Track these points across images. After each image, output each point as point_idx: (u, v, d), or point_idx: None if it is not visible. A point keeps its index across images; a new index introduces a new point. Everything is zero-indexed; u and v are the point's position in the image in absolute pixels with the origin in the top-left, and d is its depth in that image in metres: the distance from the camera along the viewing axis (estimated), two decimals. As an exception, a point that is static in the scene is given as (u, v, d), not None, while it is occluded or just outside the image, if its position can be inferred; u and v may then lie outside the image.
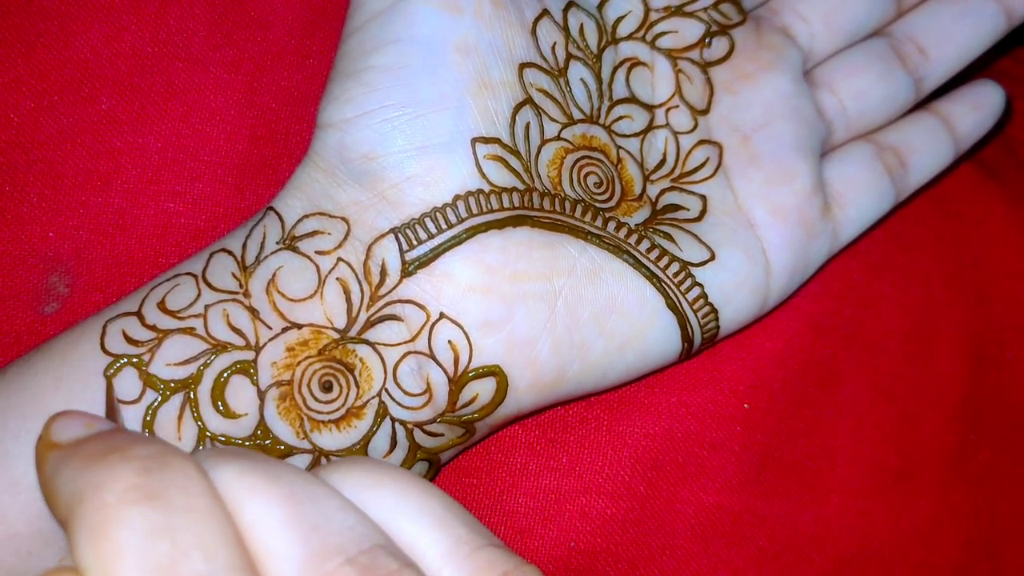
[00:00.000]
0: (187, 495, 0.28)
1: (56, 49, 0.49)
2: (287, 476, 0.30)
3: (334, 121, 0.44)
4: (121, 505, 0.27)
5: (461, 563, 0.31)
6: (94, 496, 0.27)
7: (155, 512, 0.27)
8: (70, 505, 0.27)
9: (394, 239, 0.43)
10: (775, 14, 0.54)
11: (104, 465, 0.28)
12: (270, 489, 0.29)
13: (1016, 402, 0.58)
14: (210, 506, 0.28)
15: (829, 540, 0.54)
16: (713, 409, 0.53)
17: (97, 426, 0.30)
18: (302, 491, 0.30)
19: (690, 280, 0.47)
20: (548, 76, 0.47)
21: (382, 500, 0.32)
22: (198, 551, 0.27)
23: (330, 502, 0.30)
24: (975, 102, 0.56)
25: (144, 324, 0.42)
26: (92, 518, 0.26)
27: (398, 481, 0.32)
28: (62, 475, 0.28)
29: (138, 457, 0.28)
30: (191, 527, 0.27)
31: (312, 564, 0.29)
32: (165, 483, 0.28)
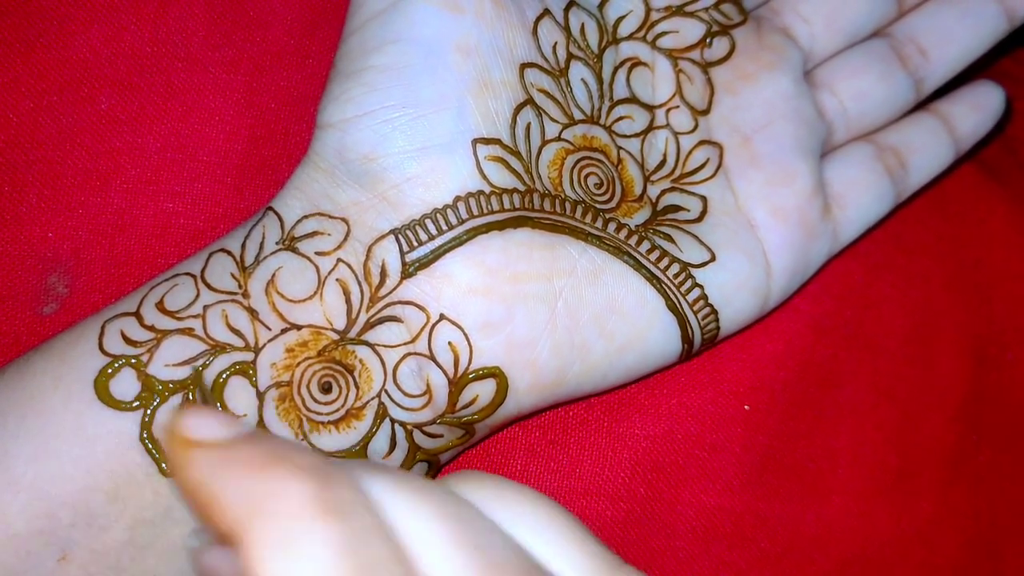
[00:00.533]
0: (365, 512, 0.27)
1: (55, 49, 0.49)
2: (435, 491, 0.30)
3: (334, 121, 0.44)
4: (308, 519, 0.26)
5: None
6: (277, 507, 0.26)
7: (340, 528, 0.26)
8: (247, 515, 0.26)
9: (394, 240, 0.43)
10: (776, 14, 0.54)
11: (278, 475, 0.27)
12: (427, 506, 0.29)
13: (1017, 403, 0.58)
14: (380, 523, 0.28)
15: (830, 541, 0.54)
16: (714, 411, 0.53)
17: (235, 427, 0.29)
18: (456, 509, 0.29)
19: (690, 281, 0.47)
20: (549, 76, 0.47)
21: (516, 516, 0.31)
22: (382, 568, 0.26)
23: (480, 520, 0.30)
24: (975, 103, 0.56)
25: (143, 324, 0.41)
26: (279, 531, 0.26)
27: (529, 498, 0.32)
28: (225, 480, 0.27)
29: (311, 468, 0.27)
30: (372, 545, 0.27)
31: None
32: (343, 498, 0.27)
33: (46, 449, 0.39)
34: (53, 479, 0.39)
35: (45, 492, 0.39)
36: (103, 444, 0.40)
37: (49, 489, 0.39)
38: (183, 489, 0.28)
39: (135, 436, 0.40)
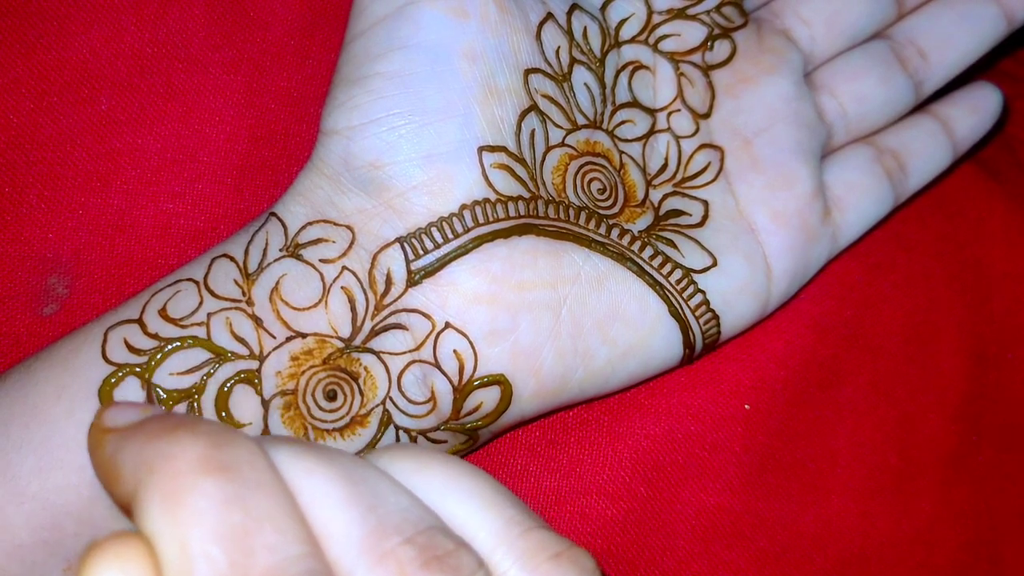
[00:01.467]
0: (254, 470, 0.28)
1: (55, 50, 0.49)
2: (340, 459, 0.31)
3: (339, 128, 0.44)
4: (195, 474, 0.27)
5: (513, 544, 0.31)
6: (166, 465, 0.27)
7: (228, 483, 0.27)
8: (138, 476, 0.27)
9: (400, 248, 0.43)
10: (776, 16, 0.54)
11: (173, 438, 0.28)
12: (326, 470, 0.30)
13: (1017, 402, 0.58)
14: (276, 481, 0.29)
15: (830, 541, 0.54)
16: (714, 410, 0.53)
17: (152, 411, 0.31)
18: (356, 473, 0.30)
19: (692, 287, 0.47)
20: (553, 81, 0.47)
21: (431, 483, 0.32)
22: (269, 523, 0.27)
23: (383, 484, 0.31)
24: (973, 105, 0.57)
25: (146, 332, 0.41)
26: (165, 486, 0.27)
27: (446, 465, 0.33)
28: (126, 451, 0.28)
29: (205, 432, 0.28)
30: (261, 500, 0.28)
31: (371, 543, 0.29)
32: (233, 457, 0.28)
33: (50, 460, 0.39)
34: (57, 489, 0.39)
35: (50, 502, 0.39)
36: None
37: (54, 499, 0.39)
38: (96, 473, 0.30)
39: None
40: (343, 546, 0.29)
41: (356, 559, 0.29)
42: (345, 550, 0.29)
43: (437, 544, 0.30)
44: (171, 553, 0.26)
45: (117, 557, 0.27)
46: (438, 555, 0.29)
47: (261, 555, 0.27)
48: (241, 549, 0.26)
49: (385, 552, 0.29)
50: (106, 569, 0.26)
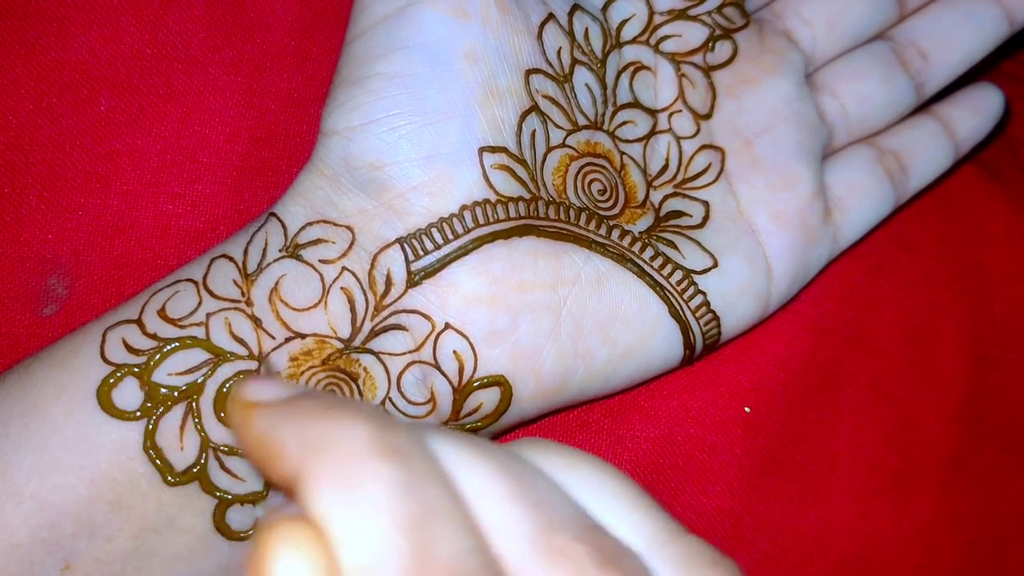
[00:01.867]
0: (421, 457, 0.27)
1: (55, 51, 0.48)
2: (496, 451, 0.30)
3: (339, 128, 0.44)
4: (368, 458, 0.26)
5: (665, 547, 0.31)
6: (337, 447, 0.26)
7: (402, 469, 0.26)
8: (304, 456, 0.26)
9: (400, 249, 0.43)
10: (778, 17, 0.54)
11: (339, 418, 0.27)
12: (487, 462, 0.29)
13: (1017, 403, 0.58)
14: (440, 471, 0.28)
15: (830, 542, 0.54)
16: (714, 412, 0.53)
17: (294, 388, 0.30)
18: (515, 467, 0.30)
19: (693, 288, 0.47)
20: (554, 82, 0.47)
21: (580, 482, 0.31)
22: (446, 514, 0.26)
23: (540, 480, 0.30)
24: (975, 106, 0.56)
25: (144, 332, 0.41)
26: (339, 470, 0.26)
27: (593, 464, 0.32)
28: (285, 428, 0.28)
29: (370, 414, 0.27)
30: (432, 489, 0.27)
31: (542, 539, 0.28)
32: (400, 441, 0.27)
33: (49, 459, 0.39)
34: (56, 489, 0.39)
35: (48, 502, 0.39)
36: (106, 454, 0.40)
37: (52, 499, 0.39)
38: (246, 449, 0.29)
39: (138, 445, 0.40)
40: (513, 542, 0.28)
41: (528, 555, 0.28)
42: (515, 546, 0.28)
43: (604, 543, 0.29)
44: (351, 540, 0.25)
45: (295, 541, 0.26)
46: (611, 555, 0.29)
47: (441, 546, 0.26)
48: (423, 539, 0.26)
49: (558, 549, 0.28)
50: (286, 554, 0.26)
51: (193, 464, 0.40)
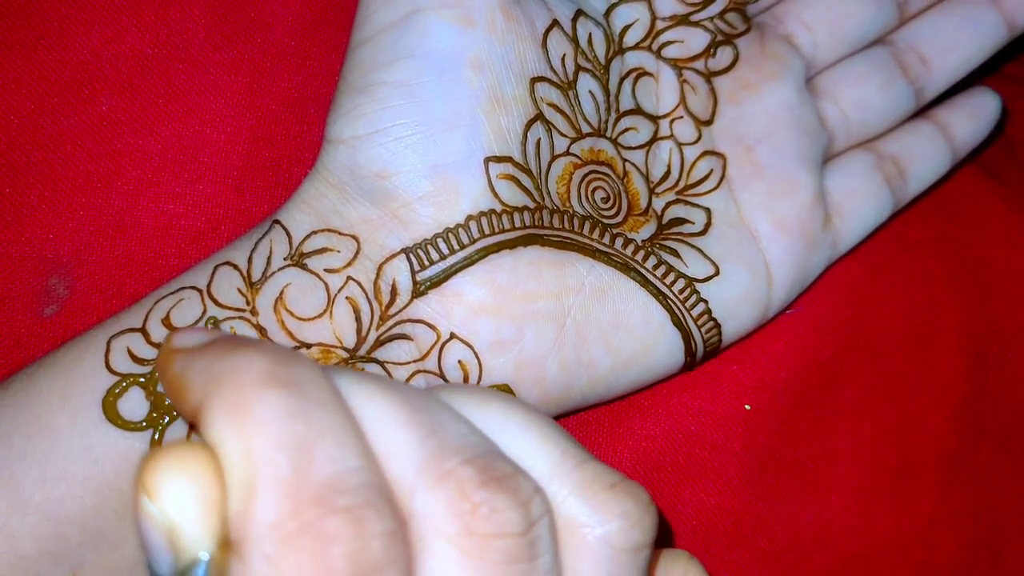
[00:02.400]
0: (317, 388, 0.29)
1: (56, 51, 0.48)
2: (400, 386, 0.32)
3: (345, 137, 0.43)
4: (260, 386, 0.28)
5: (569, 474, 0.33)
6: (232, 379, 0.28)
7: (291, 396, 0.28)
8: (205, 389, 0.29)
9: (405, 259, 0.43)
10: (779, 22, 0.54)
11: (239, 354, 0.29)
12: (388, 395, 0.31)
13: (1017, 402, 0.58)
14: (337, 400, 0.30)
15: (830, 540, 0.54)
16: (714, 410, 0.53)
17: (218, 333, 0.32)
18: (416, 400, 0.31)
19: (695, 296, 0.47)
20: (558, 89, 0.46)
21: (489, 415, 0.33)
22: (331, 437, 0.28)
23: (443, 412, 0.32)
24: (972, 110, 0.57)
25: (149, 342, 0.41)
26: (232, 397, 0.28)
27: (503, 400, 0.34)
28: (193, 367, 0.30)
29: (269, 349, 0.29)
30: (323, 415, 0.29)
31: (432, 463, 0.30)
32: (297, 374, 0.29)
33: (54, 470, 0.39)
34: (62, 500, 0.39)
35: (54, 513, 0.39)
36: (112, 464, 0.40)
37: (58, 510, 0.39)
38: (167, 393, 0.31)
39: (144, 455, 0.40)
40: (403, 465, 0.30)
41: (416, 478, 0.30)
42: (405, 469, 0.30)
43: (496, 467, 0.31)
44: (235, 459, 0.28)
45: (181, 461, 0.28)
46: (497, 476, 0.30)
47: (322, 464, 0.28)
48: (303, 457, 0.28)
49: (445, 472, 0.30)
50: (171, 472, 0.28)
51: (199, 474, 0.40)
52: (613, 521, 0.32)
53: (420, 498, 0.30)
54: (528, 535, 0.30)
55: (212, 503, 0.28)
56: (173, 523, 0.28)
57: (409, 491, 0.30)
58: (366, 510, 0.28)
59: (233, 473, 0.28)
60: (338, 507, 0.27)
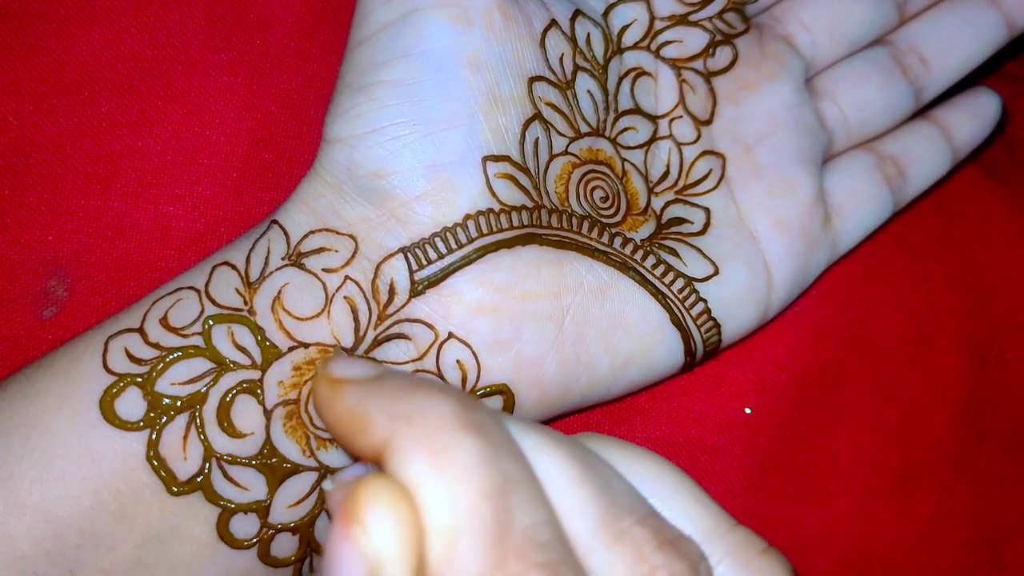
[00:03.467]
0: (503, 435, 0.30)
1: (55, 52, 0.48)
2: (566, 439, 0.32)
3: (342, 136, 0.43)
4: (455, 431, 0.28)
5: (723, 538, 0.33)
6: (427, 420, 0.29)
7: (486, 444, 0.29)
8: (394, 427, 0.29)
9: (403, 258, 0.43)
10: (778, 22, 0.54)
11: (426, 394, 0.30)
12: (558, 448, 0.31)
13: (1018, 403, 0.58)
14: (519, 449, 0.30)
15: (832, 543, 0.54)
16: (715, 414, 0.53)
17: (379, 368, 0.32)
18: (583, 454, 0.32)
19: (694, 296, 0.47)
20: (556, 89, 0.46)
21: (642, 473, 0.33)
22: (524, 487, 0.29)
23: (606, 468, 0.32)
24: (973, 111, 0.57)
25: (147, 342, 0.41)
26: (429, 440, 0.28)
27: (654, 458, 0.34)
28: (374, 402, 0.30)
29: (454, 392, 0.30)
30: (512, 464, 0.29)
31: (607, 522, 0.30)
32: (483, 419, 0.29)
33: (52, 470, 0.39)
34: (59, 500, 0.39)
35: (51, 513, 0.39)
36: (109, 464, 0.40)
37: (55, 510, 0.39)
38: (332, 423, 0.31)
39: (142, 455, 0.40)
40: (581, 523, 0.30)
41: (593, 535, 0.30)
42: (582, 526, 0.30)
43: (666, 529, 0.31)
44: (438, 503, 0.28)
45: (390, 497, 0.28)
46: (671, 539, 0.31)
47: (520, 516, 0.28)
48: (504, 508, 0.28)
49: (621, 531, 0.30)
50: (380, 506, 0.28)
51: (197, 473, 0.40)
52: None
53: (598, 557, 0.30)
54: None
55: (414, 544, 0.28)
56: (381, 559, 0.28)
57: (587, 549, 0.30)
58: (563, 567, 0.28)
59: (436, 518, 0.28)
60: (539, 562, 0.28)
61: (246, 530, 0.41)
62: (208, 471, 0.40)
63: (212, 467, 0.40)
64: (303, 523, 0.42)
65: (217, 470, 0.41)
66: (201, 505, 0.41)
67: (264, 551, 0.41)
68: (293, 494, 0.41)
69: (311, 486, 0.42)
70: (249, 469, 0.41)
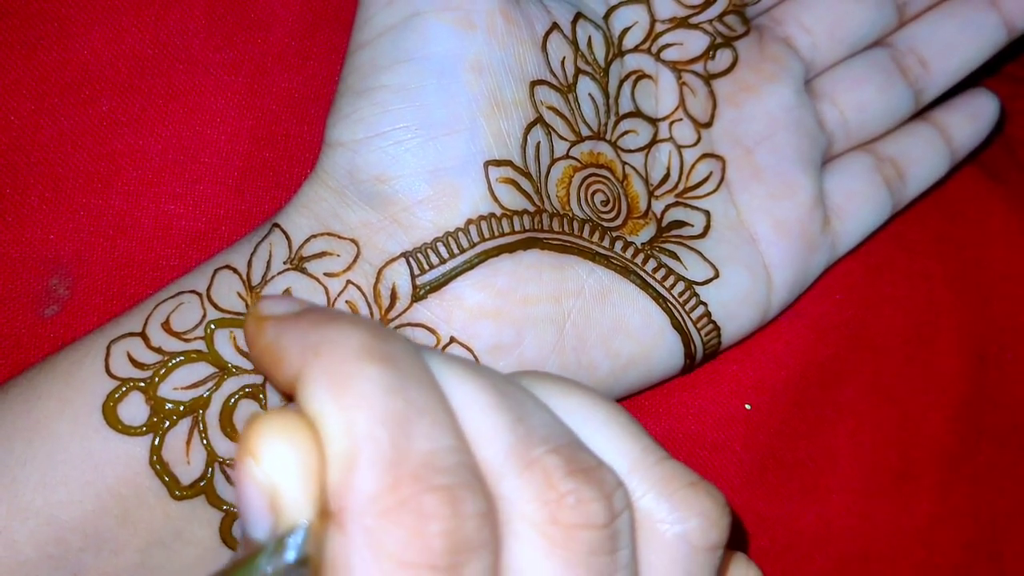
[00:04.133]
0: (412, 365, 0.30)
1: (56, 51, 0.48)
2: (488, 371, 0.32)
3: (344, 140, 0.43)
4: (360, 360, 0.29)
5: (649, 470, 0.33)
6: (332, 350, 0.29)
7: (391, 372, 0.29)
8: (304, 359, 0.29)
9: (405, 263, 0.43)
10: (778, 24, 0.54)
11: (337, 326, 0.30)
12: (477, 379, 0.31)
13: (1017, 402, 0.58)
14: (431, 378, 0.30)
15: (830, 540, 0.54)
16: (714, 410, 0.53)
17: (306, 303, 0.33)
18: (504, 385, 0.32)
19: (695, 299, 0.48)
20: (558, 93, 0.46)
21: (571, 406, 0.34)
22: (428, 415, 0.29)
23: (528, 399, 0.33)
24: (971, 112, 0.57)
25: (149, 346, 0.41)
26: (332, 369, 0.29)
27: (585, 391, 0.35)
28: (289, 336, 0.31)
29: (366, 323, 0.30)
30: (419, 393, 0.29)
31: (519, 449, 0.31)
32: (393, 350, 0.30)
33: (54, 475, 0.39)
34: (62, 505, 0.39)
35: (54, 518, 0.39)
36: (112, 469, 0.40)
37: (58, 515, 0.39)
38: (256, 359, 0.32)
39: (144, 460, 0.40)
40: (492, 450, 0.31)
41: (504, 462, 0.30)
42: (493, 453, 0.30)
43: (581, 457, 0.31)
44: (336, 432, 0.28)
45: (284, 429, 0.28)
46: (583, 467, 0.31)
47: (420, 441, 0.29)
48: (403, 434, 0.28)
49: (533, 459, 0.31)
50: (273, 438, 0.28)
51: (200, 478, 0.40)
52: (692, 519, 0.33)
53: (507, 483, 0.30)
54: (610, 527, 0.31)
55: (312, 472, 0.28)
56: (276, 487, 0.28)
57: (497, 475, 0.30)
58: (462, 490, 0.29)
59: (333, 445, 0.28)
60: (436, 485, 0.28)
61: (248, 533, 0.41)
62: (211, 475, 0.41)
63: (215, 471, 0.41)
64: (305, 526, 0.42)
65: (220, 474, 0.41)
66: (204, 509, 0.41)
67: (266, 554, 0.41)
68: (295, 498, 0.42)
69: None
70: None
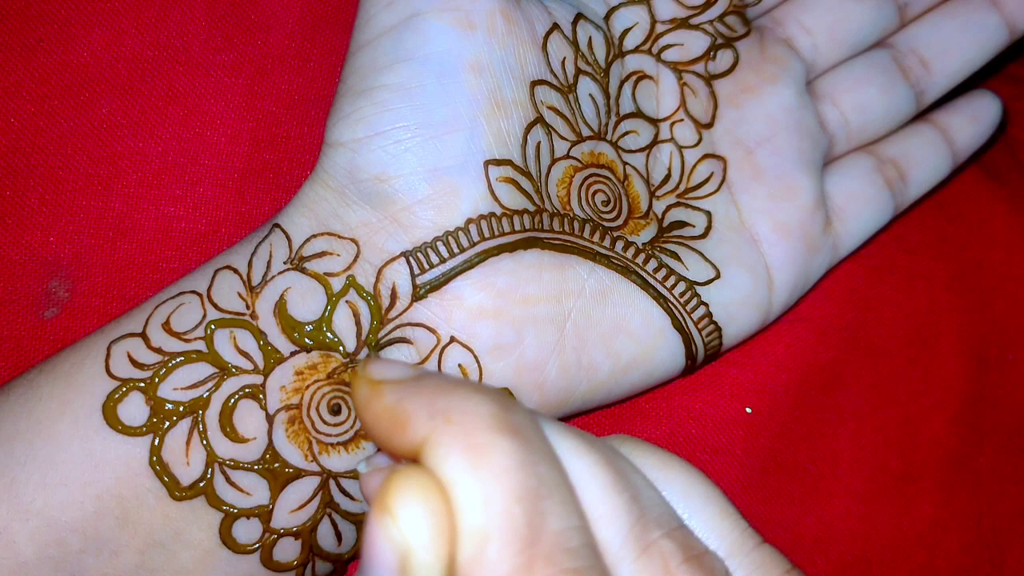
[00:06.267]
0: (539, 438, 0.30)
1: (56, 53, 0.48)
2: (601, 444, 0.32)
3: (344, 140, 0.43)
4: (492, 432, 0.28)
5: (747, 556, 0.33)
6: (464, 419, 0.29)
7: (522, 447, 0.28)
8: (432, 425, 0.29)
9: (405, 262, 0.43)
10: (779, 25, 0.54)
11: (465, 393, 0.29)
12: (592, 453, 0.31)
13: (1018, 404, 0.58)
14: (554, 453, 0.30)
15: (831, 543, 0.54)
16: (715, 413, 0.53)
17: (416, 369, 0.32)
18: (617, 461, 0.32)
19: (696, 300, 0.47)
20: (558, 93, 0.46)
21: (670, 480, 0.34)
22: (557, 492, 0.29)
23: (637, 475, 0.32)
24: (973, 114, 0.57)
25: (149, 346, 0.41)
26: (466, 439, 0.28)
27: (685, 467, 0.34)
28: (413, 400, 0.30)
29: (491, 392, 0.30)
30: (547, 469, 0.29)
31: (636, 532, 0.30)
32: (521, 421, 0.29)
33: (54, 476, 0.39)
34: (62, 506, 0.39)
35: (54, 519, 0.39)
36: (112, 469, 0.40)
37: (58, 516, 0.39)
38: (370, 423, 0.31)
39: (144, 461, 0.40)
40: (611, 531, 0.30)
41: (623, 544, 0.30)
42: (612, 534, 0.30)
43: (692, 544, 0.31)
44: (472, 503, 0.28)
45: (422, 491, 0.28)
46: (696, 555, 0.31)
47: (551, 520, 0.28)
48: (537, 511, 0.28)
49: (650, 543, 0.30)
50: (412, 499, 0.28)
51: (199, 479, 0.40)
52: None
53: (625, 567, 0.30)
54: None
55: (446, 538, 0.28)
56: (410, 549, 0.28)
57: (615, 557, 0.30)
58: (591, 573, 0.28)
59: (468, 516, 0.28)
60: (567, 568, 0.28)
61: (249, 535, 0.41)
62: (210, 476, 0.40)
63: (214, 472, 0.41)
64: (305, 528, 0.42)
65: (219, 475, 0.41)
66: (204, 510, 0.41)
67: (267, 556, 0.41)
68: (295, 499, 0.42)
69: (313, 491, 0.42)
70: (251, 474, 0.41)
